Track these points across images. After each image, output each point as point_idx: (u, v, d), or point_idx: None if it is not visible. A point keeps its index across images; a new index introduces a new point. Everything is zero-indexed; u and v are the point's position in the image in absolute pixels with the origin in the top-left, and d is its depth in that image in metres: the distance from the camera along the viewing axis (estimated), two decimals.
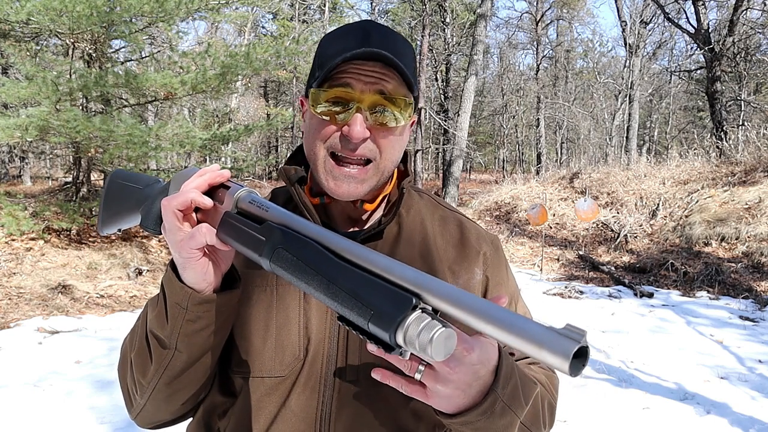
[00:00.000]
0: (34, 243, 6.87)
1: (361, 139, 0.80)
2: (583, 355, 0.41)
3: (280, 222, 0.62)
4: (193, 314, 0.73)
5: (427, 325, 0.46)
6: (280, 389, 0.83)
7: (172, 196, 0.70)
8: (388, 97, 0.81)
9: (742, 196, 9.32)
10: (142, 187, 0.88)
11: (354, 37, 0.82)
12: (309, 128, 0.86)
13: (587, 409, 3.69)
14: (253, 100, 28.89)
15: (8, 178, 17.75)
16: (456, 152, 14.68)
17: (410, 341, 0.47)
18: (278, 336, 0.83)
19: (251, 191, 0.70)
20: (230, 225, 0.66)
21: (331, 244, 0.57)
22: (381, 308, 0.48)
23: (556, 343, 0.40)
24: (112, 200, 0.91)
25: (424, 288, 0.48)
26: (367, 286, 0.51)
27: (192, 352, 0.77)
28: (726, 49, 14.09)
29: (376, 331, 0.48)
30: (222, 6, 8.66)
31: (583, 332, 0.41)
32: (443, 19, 21.29)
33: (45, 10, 6.41)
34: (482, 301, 0.46)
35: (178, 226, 0.70)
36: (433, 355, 0.46)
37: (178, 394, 0.82)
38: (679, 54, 28.08)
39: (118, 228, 0.91)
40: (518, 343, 0.42)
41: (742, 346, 5.11)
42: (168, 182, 0.83)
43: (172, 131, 7.48)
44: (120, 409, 3.46)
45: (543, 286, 7.73)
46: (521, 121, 31.00)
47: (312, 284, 0.55)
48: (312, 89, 0.83)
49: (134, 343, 0.82)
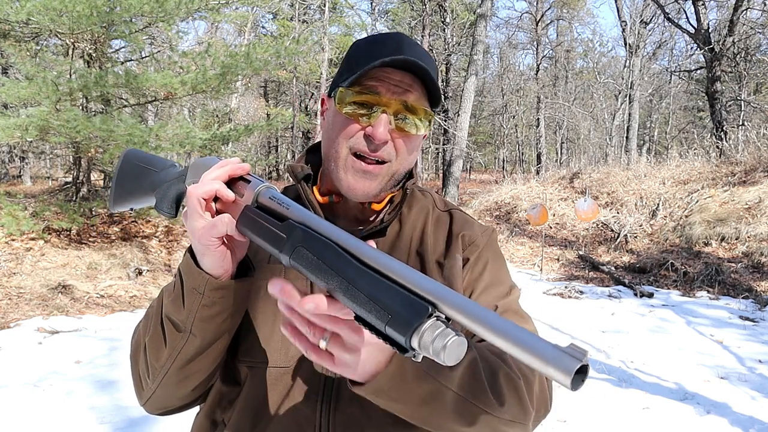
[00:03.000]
0: (34, 243, 6.87)
1: (383, 141, 0.84)
2: (583, 371, 0.45)
3: (301, 221, 0.64)
4: (209, 299, 0.76)
5: (442, 333, 0.49)
6: (284, 380, 0.85)
7: (197, 185, 0.72)
8: (411, 107, 0.85)
9: (742, 196, 9.32)
10: (158, 171, 0.89)
11: (387, 46, 0.86)
12: (332, 125, 0.90)
13: (587, 409, 3.69)
14: (253, 100, 28.90)
15: (8, 178, 17.75)
16: (456, 152, 14.69)
17: (424, 346, 0.49)
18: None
19: (271, 186, 0.72)
20: (250, 218, 0.69)
21: (351, 248, 0.59)
22: (399, 313, 0.51)
23: (560, 361, 0.44)
24: (126, 179, 0.92)
25: (440, 298, 0.51)
26: (386, 291, 0.53)
27: (206, 336, 0.79)
28: (726, 49, 14.09)
29: (392, 334, 0.51)
30: (222, 6, 8.66)
31: (585, 352, 0.44)
32: (443, 19, 21.29)
33: (45, 10, 6.41)
34: (493, 315, 0.48)
35: (200, 213, 0.72)
36: (446, 361, 0.49)
37: (189, 379, 0.84)
38: (679, 54, 28.08)
39: (130, 207, 0.93)
40: (526, 358, 0.45)
41: (742, 346, 5.11)
42: (185, 168, 0.84)
43: (172, 131, 7.48)
44: (120, 409, 3.46)
45: (543, 286, 7.74)
46: (521, 121, 31.00)
47: (331, 284, 0.57)
48: (340, 88, 0.86)
49: (149, 328, 0.84)
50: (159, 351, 0.81)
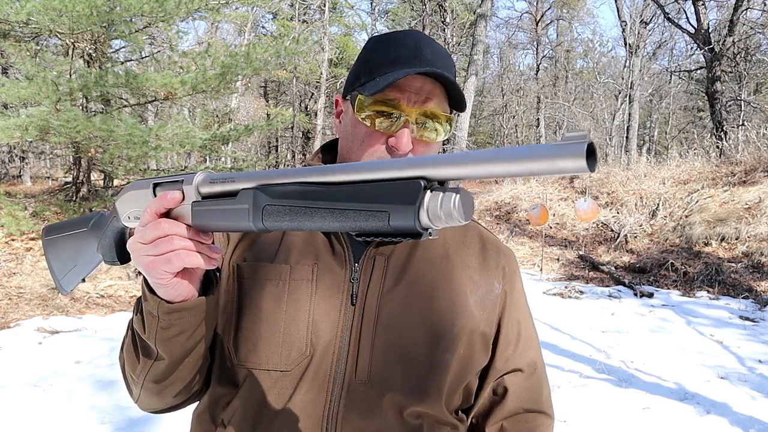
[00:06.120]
0: (34, 243, 6.87)
1: (407, 150, 0.83)
2: (591, 151, 0.42)
3: (254, 182, 0.60)
4: (165, 322, 0.74)
5: (444, 197, 0.48)
6: (284, 384, 0.83)
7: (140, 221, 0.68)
8: (432, 113, 0.84)
9: (742, 196, 9.32)
10: (87, 228, 0.84)
11: (406, 49, 0.84)
12: (352, 134, 0.87)
13: (587, 409, 3.69)
14: (253, 100, 28.88)
15: (8, 178, 17.74)
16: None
17: (435, 216, 0.48)
18: (286, 330, 0.84)
19: (207, 172, 0.67)
20: (203, 212, 0.64)
21: (313, 177, 0.56)
22: (395, 203, 0.49)
23: (566, 151, 0.42)
24: (61, 256, 0.87)
25: (424, 166, 0.49)
26: (371, 193, 0.51)
27: (172, 355, 0.78)
28: (726, 49, 14.08)
29: (399, 226, 0.49)
30: (222, 6, 8.65)
31: (584, 132, 0.42)
32: (443, 19, 21.29)
33: (45, 10, 6.40)
34: (481, 152, 0.46)
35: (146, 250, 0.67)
36: (461, 218, 0.48)
37: (168, 389, 0.84)
38: (679, 54, 28.09)
39: (81, 279, 0.89)
40: (534, 167, 0.43)
41: (742, 346, 5.11)
42: (112, 209, 0.80)
43: (172, 131, 7.48)
44: (121, 408, 3.46)
45: (543, 286, 7.74)
46: (521, 121, 30.99)
47: (315, 220, 0.54)
48: (360, 96, 0.84)
49: (126, 339, 0.85)
50: (134, 364, 0.83)
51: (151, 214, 0.67)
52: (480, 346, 0.90)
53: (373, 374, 0.82)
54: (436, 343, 0.85)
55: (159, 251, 0.65)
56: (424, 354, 0.84)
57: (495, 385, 0.95)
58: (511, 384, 0.94)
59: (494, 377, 0.94)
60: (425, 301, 0.86)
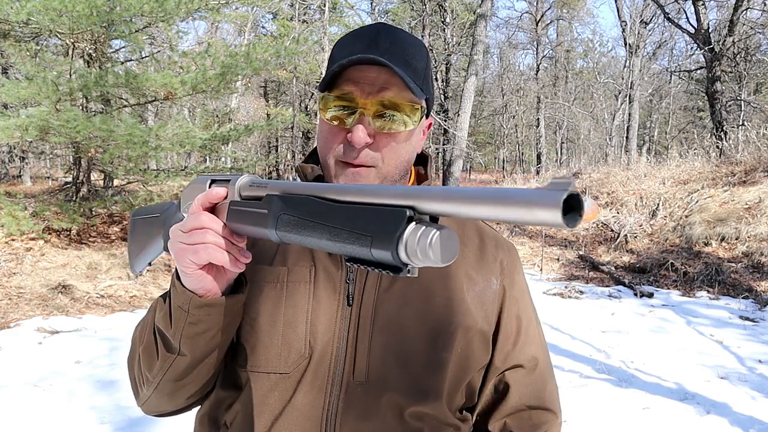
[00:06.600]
0: (34, 243, 6.87)
1: (363, 144, 0.79)
2: (575, 203, 0.39)
3: (279, 190, 0.62)
4: (194, 317, 0.74)
5: (424, 232, 0.45)
6: (284, 386, 0.83)
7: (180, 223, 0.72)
8: (391, 103, 0.80)
9: (742, 196, 9.32)
10: (159, 214, 0.88)
11: (361, 42, 0.81)
12: (320, 134, 0.87)
13: (587, 409, 3.69)
14: (253, 100, 28.89)
15: (8, 178, 17.73)
16: (456, 152, 14.68)
17: (412, 252, 0.45)
18: (285, 333, 0.84)
19: (252, 176, 0.70)
20: (236, 212, 0.67)
21: (323, 192, 0.56)
22: (378, 230, 0.47)
23: (544, 199, 0.38)
24: (137, 238, 0.92)
25: (414, 197, 0.47)
26: (361, 216, 0.50)
27: (195, 353, 0.78)
28: (726, 49, 14.09)
29: (379, 255, 0.47)
30: (222, 6, 8.65)
31: (570, 179, 0.39)
32: (443, 19, 21.28)
33: (45, 10, 6.40)
34: (468, 190, 0.44)
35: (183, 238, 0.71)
36: (437, 259, 0.45)
37: (182, 390, 0.84)
38: (679, 54, 28.10)
39: (148, 262, 0.92)
40: (510, 213, 0.40)
41: (742, 346, 5.11)
42: (179, 200, 0.84)
43: (172, 131, 7.48)
44: (121, 408, 3.46)
45: (543, 286, 7.73)
46: (521, 121, 31.01)
47: (318, 236, 0.53)
48: (321, 94, 0.83)
49: (143, 337, 0.84)
50: (151, 362, 0.81)
51: (196, 205, 0.70)
52: (479, 344, 0.90)
53: (370, 375, 0.82)
54: (433, 342, 0.85)
55: (191, 241, 0.69)
56: (421, 353, 0.84)
57: (496, 382, 0.94)
58: (513, 380, 0.94)
59: (495, 374, 0.94)
60: (421, 300, 0.86)
